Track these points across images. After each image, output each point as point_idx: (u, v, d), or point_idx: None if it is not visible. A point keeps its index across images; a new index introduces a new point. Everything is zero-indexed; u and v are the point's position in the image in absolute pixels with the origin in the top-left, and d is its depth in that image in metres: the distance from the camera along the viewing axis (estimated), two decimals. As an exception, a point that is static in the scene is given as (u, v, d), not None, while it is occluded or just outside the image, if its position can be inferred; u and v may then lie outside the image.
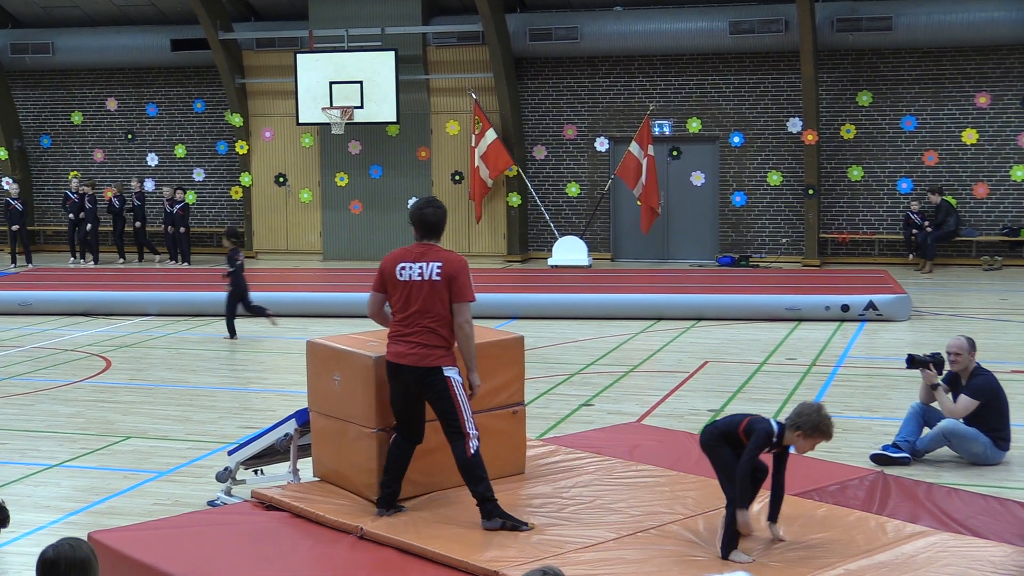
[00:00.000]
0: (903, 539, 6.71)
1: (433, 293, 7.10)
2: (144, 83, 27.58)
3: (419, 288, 7.13)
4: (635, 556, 6.50)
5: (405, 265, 7.21)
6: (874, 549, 6.56)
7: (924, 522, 7.11)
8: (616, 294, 18.60)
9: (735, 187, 24.31)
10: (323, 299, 18.58)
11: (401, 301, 7.19)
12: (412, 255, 7.24)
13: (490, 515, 6.95)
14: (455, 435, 7.05)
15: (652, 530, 6.90)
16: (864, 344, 15.35)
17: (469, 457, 7.00)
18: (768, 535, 6.71)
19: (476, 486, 7.00)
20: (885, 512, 7.31)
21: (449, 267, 7.13)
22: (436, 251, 7.23)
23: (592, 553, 6.52)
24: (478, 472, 7.00)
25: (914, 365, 9.70)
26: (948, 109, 23.30)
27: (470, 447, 7.01)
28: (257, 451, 8.57)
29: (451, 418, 7.06)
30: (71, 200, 25.62)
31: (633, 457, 8.50)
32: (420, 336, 7.09)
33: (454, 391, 7.06)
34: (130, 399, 12.68)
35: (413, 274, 7.17)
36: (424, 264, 7.16)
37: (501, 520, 6.93)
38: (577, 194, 25.05)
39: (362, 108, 24.19)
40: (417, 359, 7.07)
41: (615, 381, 13.22)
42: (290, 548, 6.93)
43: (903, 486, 7.91)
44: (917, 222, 22.76)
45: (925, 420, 9.75)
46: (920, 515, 7.28)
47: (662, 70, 24.50)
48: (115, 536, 7.11)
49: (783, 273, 21.80)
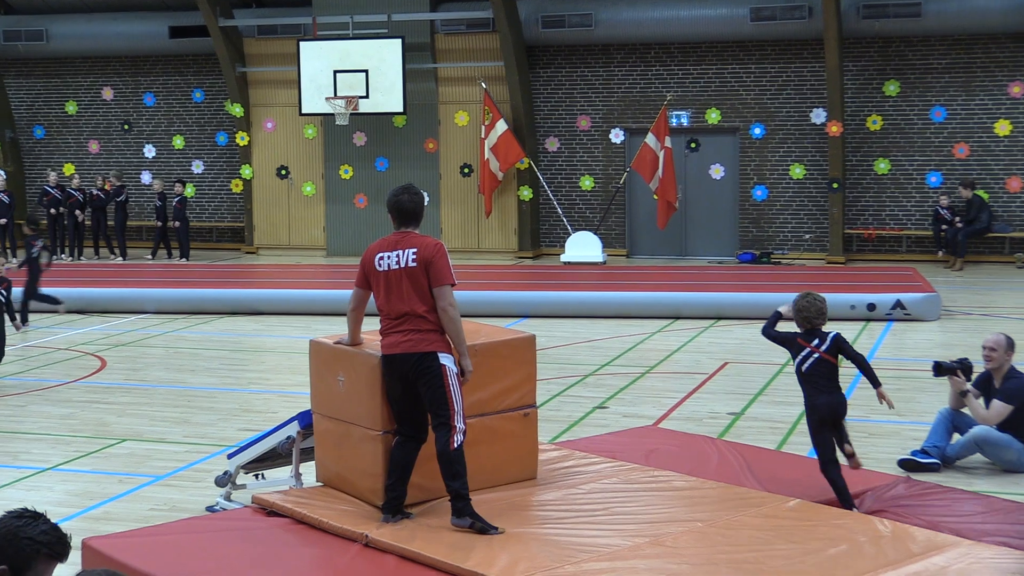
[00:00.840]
0: (934, 549, 6.67)
1: (412, 280, 7.19)
2: (141, 72, 27.61)
3: (398, 277, 7.22)
4: (651, 566, 6.48)
5: (383, 255, 7.31)
6: (903, 560, 6.52)
7: (955, 531, 7.08)
8: (632, 292, 18.58)
9: (756, 180, 24.26)
10: (327, 297, 18.56)
11: (383, 293, 7.29)
12: (388, 244, 7.35)
13: (461, 513, 7.00)
14: (441, 426, 7.06)
15: (670, 538, 6.87)
16: (891, 345, 15.31)
17: (452, 451, 7.02)
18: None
19: (452, 481, 7.03)
20: (914, 521, 7.28)
21: (424, 251, 7.20)
22: (411, 237, 7.32)
23: (607, 562, 6.50)
24: (457, 467, 7.03)
25: (941, 373, 9.64)
26: (980, 99, 23.22)
27: (454, 440, 7.03)
28: (258, 455, 8.57)
29: (441, 407, 7.06)
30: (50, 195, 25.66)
31: (650, 462, 8.48)
32: (409, 323, 7.15)
33: (447, 380, 7.08)
34: (126, 400, 12.69)
35: (391, 263, 7.25)
36: (400, 252, 7.25)
37: (471, 520, 6.97)
38: (591, 188, 25.02)
39: (367, 98, 24.19)
40: (411, 345, 7.12)
41: (631, 383, 13.20)
42: (292, 556, 6.92)
43: (933, 493, 7.87)
44: (947, 217, 22.70)
45: (955, 426, 9.71)
46: (951, 524, 7.24)
47: (680, 58, 24.45)
48: (110, 543, 7.10)
49: (806, 271, 21.76)
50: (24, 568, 4.03)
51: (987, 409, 9.58)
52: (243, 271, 23.57)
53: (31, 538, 4.04)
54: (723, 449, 9.04)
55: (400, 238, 7.33)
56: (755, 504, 7.44)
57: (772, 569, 6.43)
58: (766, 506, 7.37)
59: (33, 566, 4.04)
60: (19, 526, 4.06)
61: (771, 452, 9.32)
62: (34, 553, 4.03)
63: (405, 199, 7.38)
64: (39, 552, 4.04)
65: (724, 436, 10.52)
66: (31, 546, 4.03)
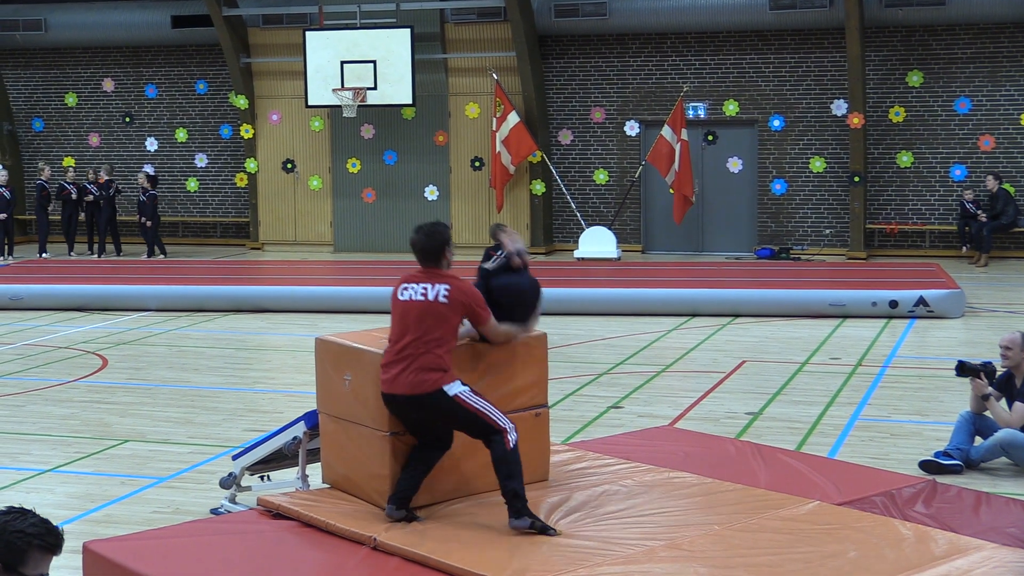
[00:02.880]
0: (957, 553, 6.67)
1: (437, 315, 7.15)
2: (143, 63, 27.68)
3: (421, 309, 7.17)
4: (667, 569, 6.49)
5: (408, 287, 7.31)
6: (925, 563, 6.52)
7: (979, 535, 7.07)
8: (647, 289, 18.58)
9: (775, 174, 24.25)
10: (333, 293, 18.60)
11: (397, 322, 7.25)
12: (416, 279, 7.34)
13: (519, 513, 6.96)
14: (489, 435, 7.08)
15: (686, 541, 6.88)
16: (914, 343, 15.30)
17: (508, 451, 7.04)
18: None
19: (509, 481, 7.01)
20: (936, 523, 7.28)
21: (460, 295, 7.20)
22: (442, 274, 7.31)
23: (620, 566, 6.51)
24: (514, 467, 7.02)
25: (964, 373, 9.66)
26: (1006, 90, 23.18)
27: (509, 440, 7.05)
28: (263, 456, 8.59)
29: (477, 425, 7.09)
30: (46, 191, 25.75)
31: (665, 463, 8.48)
32: (416, 361, 7.10)
33: (468, 403, 7.08)
34: (128, 400, 12.73)
35: (415, 295, 7.22)
36: (429, 285, 7.22)
37: (531, 520, 6.95)
38: (605, 181, 25.03)
39: (376, 89, 24.23)
40: (411, 387, 7.07)
41: (646, 382, 13.21)
42: (299, 559, 6.94)
43: (956, 496, 7.86)
44: (971, 212, 22.66)
45: (976, 429, 9.71)
46: (975, 527, 7.24)
47: (697, 48, 24.44)
48: (112, 546, 7.13)
49: (826, 266, 21.75)
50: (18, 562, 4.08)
51: (1009, 411, 9.58)
52: (248, 267, 23.63)
53: (21, 531, 4.09)
54: (741, 450, 9.04)
55: (429, 274, 7.31)
56: (773, 506, 7.44)
57: (790, 573, 6.43)
58: (784, 508, 7.38)
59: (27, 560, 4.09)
60: (7, 521, 4.12)
61: (790, 453, 9.32)
62: (26, 546, 4.09)
63: (417, 239, 7.37)
64: (31, 544, 4.09)
65: (742, 436, 10.53)
66: (22, 539, 4.08)
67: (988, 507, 7.66)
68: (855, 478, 8.14)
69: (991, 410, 9.61)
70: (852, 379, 13.11)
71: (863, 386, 12.75)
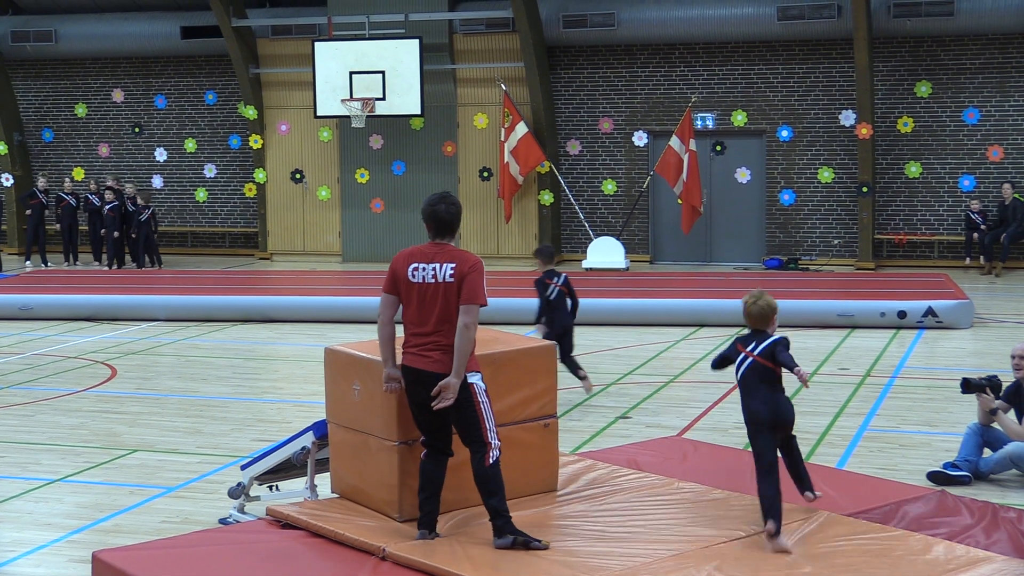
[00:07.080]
0: (967, 565, 6.66)
1: (447, 296, 7.09)
2: (152, 73, 27.74)
3: (434, 292, 7.11)
4: (676, 580, 6.49)
5: (418, 266, 7.19)
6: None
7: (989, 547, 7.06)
8: (655, 299, 18.57)
9: (783, 184, 24.23)
10: (342, 303, 18.63)
11: (415, 306, 7.19)
12: (425, 255, 7.21)
13: (501, 532, 6.97)
14: (475, 443, 7.05)
15: (694, 553, 6.88)
16: (923, 353, 15.27)
17: (487, 467, 7.00)
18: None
19: (490, 499, 7.01)
20: (946, 535, 7.26)
21: (463, 266, 7.09)
22: (450, 251, 7.20)
23: (630, 577, 6.51)
24: (493, 485, 7.00)
25: (969, 390, 9.64)
26: (1015, 100, 23.16)
27: (490, 457, 7.01)
28: (272, 465, 8.59)
29: (473, 428, 7.06)
30: (65, 201, 25.79)
31: (673, 474, 8.48)
32: (439, 341, 7.08)
33: (477, 399, 7.07)
34: (137, 409, 12.74)
35: (427, 276, 7.14)
36: (438, 265, 7.13)
37: (512, 537, 6.94)
38: (614, 192, 25.03)
39: (384, 100, 24.26)
40: (440, 366, 7.04)
41: (654, 392, 13.20)
42: (307, 569, 6.94)
43: (965, 507, 7.84)
44: (978, 223, 22.62)
45: (985, 440, 9.69)
46: (985, 539, 7.22)
47: (705, 59, 24.45)
48: (121, 556, 7.14)
49: (835, 277, 21.72)
50: None
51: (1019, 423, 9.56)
52: (256, 278, 23.65)
53: None
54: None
55: (437, 250, 7.20)
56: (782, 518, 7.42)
57: (799, 584, 6.43)
58: (793, 520, 7.37)
59: None
60: None
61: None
62: None
63: (442, 209, 7.28)
64: None
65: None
66: None
67: (999, 519, 7.64)
68: (864, 489, 8.13)
69: (1000, 423, 9.59)
70: (861, 389, 13.09)
71: (872, 397, 12.73)
